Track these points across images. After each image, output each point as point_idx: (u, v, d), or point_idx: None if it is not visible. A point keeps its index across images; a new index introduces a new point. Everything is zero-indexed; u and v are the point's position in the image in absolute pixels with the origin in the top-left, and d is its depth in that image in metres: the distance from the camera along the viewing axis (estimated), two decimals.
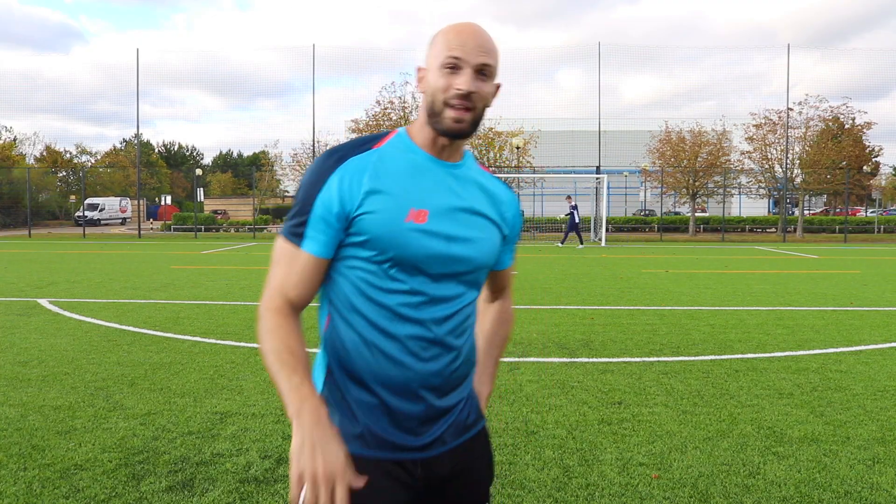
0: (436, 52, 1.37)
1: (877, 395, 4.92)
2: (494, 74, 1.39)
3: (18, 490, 3.26)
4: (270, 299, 1.37)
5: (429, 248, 1.35)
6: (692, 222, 34.14)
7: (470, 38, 1.35)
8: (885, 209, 53.79)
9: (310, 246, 1.35)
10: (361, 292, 1.36)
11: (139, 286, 11.29)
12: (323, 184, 1.34)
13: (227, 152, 78.98)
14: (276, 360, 1.29)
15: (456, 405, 1.46)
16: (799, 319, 8.16)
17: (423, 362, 1.37)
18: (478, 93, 1.35)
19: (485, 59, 1.35)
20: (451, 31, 1.37)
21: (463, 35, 1.35)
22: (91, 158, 60.35)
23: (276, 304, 1.36)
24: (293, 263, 1.36)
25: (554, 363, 5.85)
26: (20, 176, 40.10)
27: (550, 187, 41.95)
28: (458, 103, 1.33)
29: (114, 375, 5.35)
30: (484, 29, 1.39)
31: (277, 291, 1.37)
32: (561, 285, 11.67)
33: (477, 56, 1.34)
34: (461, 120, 1.34)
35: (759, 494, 3.26)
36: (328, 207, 1.33)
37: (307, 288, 1.37)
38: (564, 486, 3.35)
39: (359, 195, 1.33)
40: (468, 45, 1.34)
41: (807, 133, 32.44)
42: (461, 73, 1.33)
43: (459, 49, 1.33)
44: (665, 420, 4.34)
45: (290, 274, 1.36)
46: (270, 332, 1.33)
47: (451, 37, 1.35)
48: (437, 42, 1.38)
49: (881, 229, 35.73)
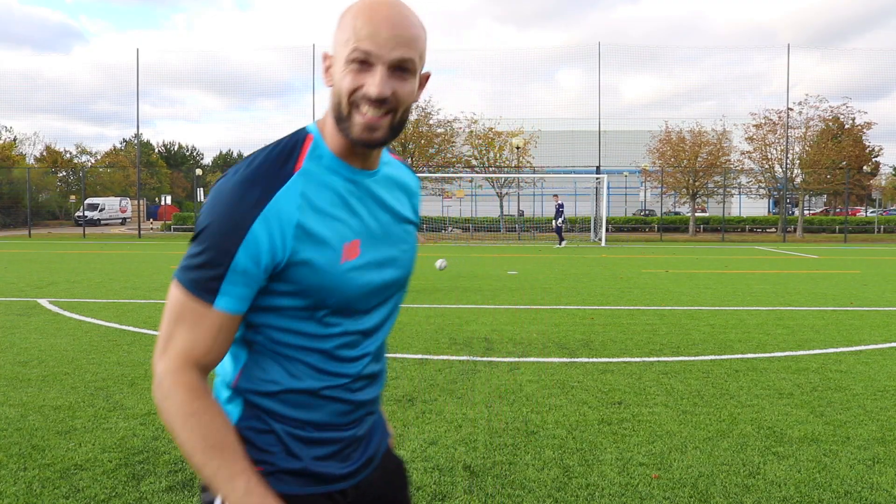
0: (342, 39, 1.10)
1: (877, 395, 4.92)
2: (417, 68, 1.12)
3: (18, 490, 3.26)
4: (178, 371, 1.10)
5: (365, 286, 1.19)
6: (692, 222, 34.14)
7: (384, 25, 1.07)
8: (885, 209, 53.80)
9: (225, 303, 1.09)
10: (287, 341, 1.17)
11: (139, 286, 11.30)
12: (246, 231, 1.06)
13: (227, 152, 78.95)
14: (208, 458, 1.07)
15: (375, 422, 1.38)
16: (799, 319, 8.16)
17: (358, 393, 1.24)
18: (395, 94, 1.09)
19: (403, 53, 1.08)
20: (362, 12, 1.08)
21: (375, 20, 1.07)
22: (91, 158, 60.38)
23: (185, 378, 1.09)
24: (202, 323, 1.10)
25: (554, 363, 5.85)
26: (20, 176, 40.10)
27: (550, 187, 41.94)
28: (370, 109, 1.09)
29: (114, 375, 5.35)
30: (405, 7, 1.10)
31: (184, 359, 1.10)
32: (561, 285, 11.67)
33: (392, 49, 1.07)
34: (375, 128, 1.10)
35: (759, 494, 3.26)
36: (255, 260, 1.08)
37: (221, 349, 1.13)
38: (564, 486, 3.35)
39: (290, 242, 1.09)
40: (381, 34, 1.07)
41: (807, 133, 32.48)
42: (372, 71, 1.08)
43: (369, 40, 1.06)
44: (665, 420, 4.34)
45: (200, 337, 1.10)
46: (191, 417, 1.07)
47: (360, 22, 1.07)
48: (345, 25, 1.10)
49: (881, 229, 35.74)
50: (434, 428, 4.15)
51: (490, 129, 33.61)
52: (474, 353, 6.19)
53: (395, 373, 5.44)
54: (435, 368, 5.62)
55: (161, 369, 1.11)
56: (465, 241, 28.02)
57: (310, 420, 1.20)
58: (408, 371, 5.51)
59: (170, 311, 1.12)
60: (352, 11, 1.10)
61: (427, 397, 4.78)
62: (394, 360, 5.86)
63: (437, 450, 3.80)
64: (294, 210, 1.10)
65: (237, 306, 1.11)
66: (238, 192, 1.08)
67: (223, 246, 1.07)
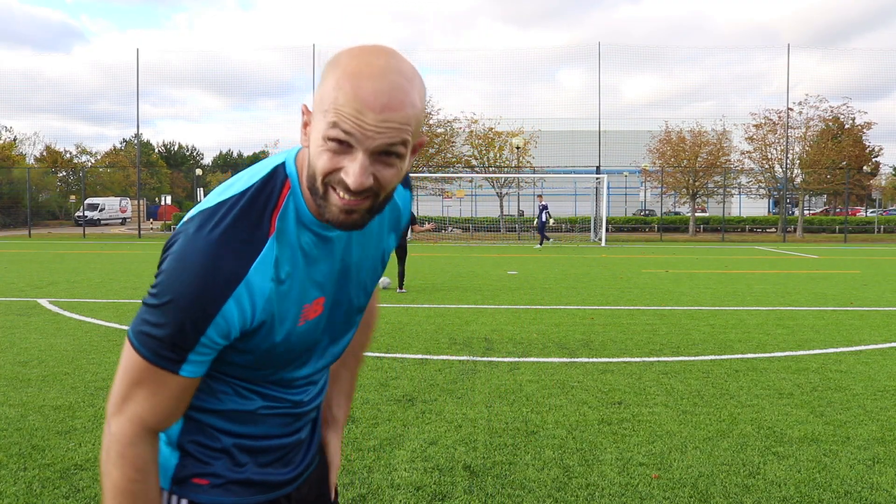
0: (322, 104, 0.94)
1: (877, 395, 4.92)
2: (409, 147, 0.96)
3: (18, 490, 3.26)
4: (130, 437, 1.04)
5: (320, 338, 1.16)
6: (692, 222, 34.14)
7: (371, 105, 0.90)
8: (885, 209, 53.79)
9: (191, 370, 1.03)
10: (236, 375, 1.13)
11: (139, 286, 11.29)
12: (218, 310, 0.98)
13: (227, 152, 79.00)
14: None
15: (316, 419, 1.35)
16: (799, 319, 8.16)
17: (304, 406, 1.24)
18: (377, 180, 0.95)
19: (390, 139, 0.92)
20: (347, 80, 0.91)
21: (361, 96, 0.90)
22: (91, 158, 60.38)
23: (135, 451, 1.04)
24: (163, 389, 1.03)
25: (554, 363, 5.85)
26: (20, 176, 40.11)
27: (550, 187, 41.93)
28: (346, 195, 0.96)
29: (113, 375, 5.34)
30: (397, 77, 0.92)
31: (140, 425, 1.04)
32: (561, 285, 11.67)
33: (378, 135, 0.91)
34: (352, 210, 0.98)
35: (759, 494, 3.26)
36: (223, 335, 1.01)
37: (181, 410, 1.08)
38: (564, 486, 3.35)
39: (259, 315, 1.02)
40: (365, 118, 0.90)
41: (807, 133, 32.48)
42: (352, 154, 0.93)
43: (351, 121, 0.90)
44: (665, 420, 4.34)
45: (161, 401, 1.04)
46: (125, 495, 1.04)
47: (343, 94, 0.91)
48: (327, 86, 0.93)
49: (881, 229, 35.74)
50: (434, 428, 4.15)
51: (490, 129, 33.61)
52: (474, 353, 6.18)
53: (395, 373, 5.44)
54: (435, 368, 5.62)
55: (114, 431, 1.04)
56: (465, 241, 28.02)
57: (255, 433, 1.18)
58: (408, 371, 5.50)
59: (127, 372, 1.04)
60: (336, 73, 0.93)
61: (427, 397, 4.78)
62: (394, 360, 5.86)
63: (437, 450, 3.80)
64: (267, 282, 1.01)
65: (202, 371, 1.05)
66: (209, 263, 0.97)
67: (192, 323, 0.97)
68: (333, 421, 1.42)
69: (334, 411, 1.42)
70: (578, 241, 28.47)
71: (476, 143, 33.95)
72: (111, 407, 1.06)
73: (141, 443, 1.05)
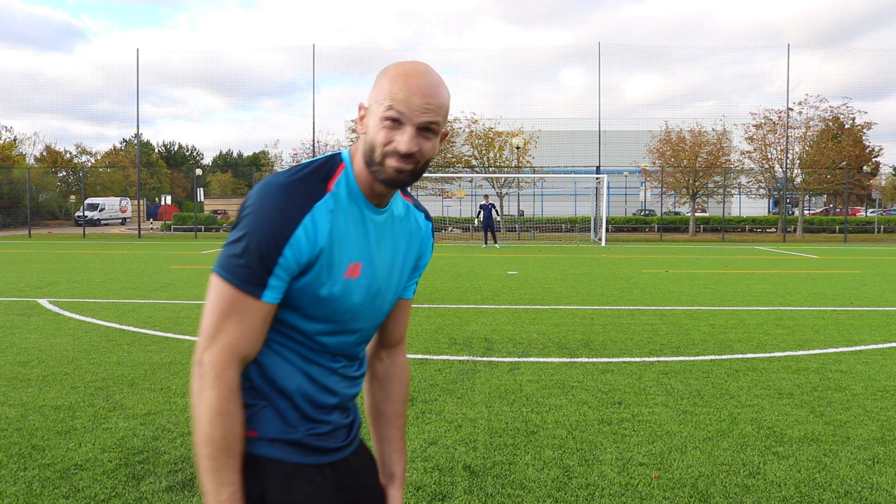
0: (378, 98, 1.28)
1: (877, 395, 4.92)
2: (440, 130, 1.31)
3: (18, 490, 3.26)
4: (224, 365, 1.22)
5: (356, 304, 1.35)
6: (692, 222, 34.14)
7: (416, 94, 1.25)
8: (885, 209, 53.79)
9: (271, 295, 1.24)
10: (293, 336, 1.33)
11: (139, 286, 11.30)
12: (292, 231, 1.22)
13: (227, 152, 79.02)
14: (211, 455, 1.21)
15: (355, 411, 1.53)
16: (799, 319, 8.16)
17: (346, 387, 1.42)
18: (420, 150, 1.28)
19: (430, 118, 1.26)
20: (398, 79, 1.26)
21: (409, 88, 1.25)
22: (91, 158, 60.37)
23: (228, 374, 1.22)
24: (250, 315, 1.23)
25: (554, 363, 5.85)
26: (20, 176, 40.11)
27: (550, 187, 41.94)
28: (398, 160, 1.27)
29: (114, 375, 5.35)
30: (435, 77, 1.29)
31: (232, 351, 1.22)
32: (561, 285, 11.67)
33: (421, 115, 1.26)
34: (402, 170, 1.28)
35: (759, 494, 3.26)
36: (297, 258, 1.24)
37: (262, 339, 1.28)
38: (564, 486, 3.35)
39: (318, 249, 1.26)
40: (413, 101, 1.25)
41: (807, 133, 32.47)
42: (402, 130, 1.26)
43: (403, 104, 1.25)
44: (665, 420, 4.34)
45: (249, 328, 1.23)
46: (221, 415, 1.20)
47: (396, 87, 1.25)
48: (382, 87, 1.28)
49: (881, 229, 35.74)
50: (434, 428, 4.15)
51: (490, 129, 33.60)
52: (474, 353, 6.18)
53: None
54: (435, 368, 5.62)
55: (208, 360, 1.22)
56: (465, 241, 28.02)
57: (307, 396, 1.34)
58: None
59: (216, 304, 1.23)
60: (389, 76, 1.28)
61: (427, 397, 4.78)
62: None
63: (437, 450, 3.80)
64: (325, 222, 1.27)
65: (278, 297, 1.26)
66: (285, 198, 1.24)
67: (273, 245, 1.21)
68: (392, 477, 1.61)
69: (392, 468, 1.61)
70: (578, 241, 28.46)
71: (476, 143, 33.95)
72: (202, 343, 1.23)
73: (233, 367, 1.23)
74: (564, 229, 33.67)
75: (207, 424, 1.20)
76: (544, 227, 34.10)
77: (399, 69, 1.28)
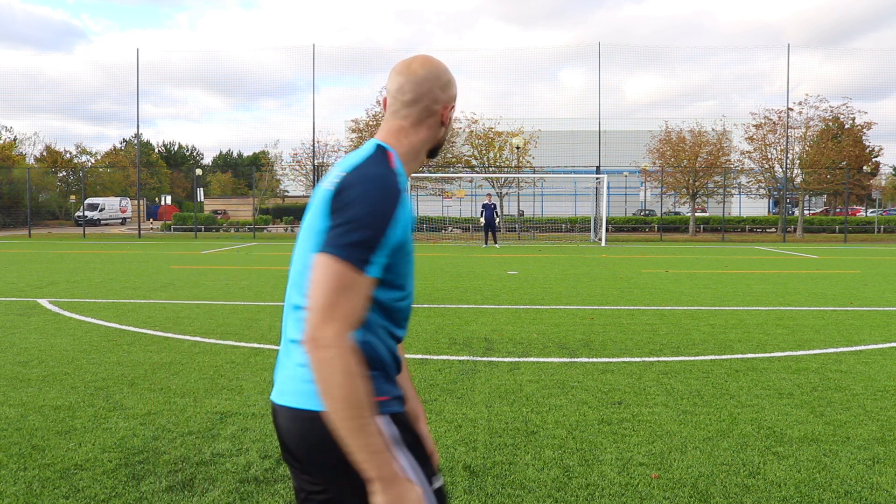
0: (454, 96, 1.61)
1: (877, 395, 4.92)
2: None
3: (18, 490, 3.26)
4: (344, 335, 1.34)
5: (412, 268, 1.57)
6: (692, 222, 34.14)
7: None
8: (885, 209, 53.77)
9: (374, 271, 1.38)
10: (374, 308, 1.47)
11: (139, 286, 11.30)
12: (393, 214, 1.39)
13: (227, 152, 79.03)
14: (357, 414, 1.32)
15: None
16: (799, 319, 8.16)
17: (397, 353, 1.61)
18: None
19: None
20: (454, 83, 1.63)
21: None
22: (91, 158, 60.35)
23: (350, 343, 1.34)
24: (361, 291, 1.36)
25: (554, 363, 5.85)
26: (20, 176, 40.10)
27: (550, 187, 41.93)
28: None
29: (114, 375, 5.35)
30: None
31: (348, 324, 1.34)
32: (561, 285, 11.67)
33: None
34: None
35: (759, 494, 3.26)
36: (397, 237, 1.41)
37: (364, 315, 1.42)
38: (564, 486, 3.35)
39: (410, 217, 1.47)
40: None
41: (807, 133, 32.46)
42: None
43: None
44: (665, 420, 4.34)
45: (359, 302, 1.36)
46: (352, 377, 1.32)
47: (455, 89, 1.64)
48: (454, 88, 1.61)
49: (881, 229, 35.73)
50: (434, 428, 4.15)
51: (490, 129, 33.59)
52: (474, 353, 6.18)
53: None
54: (435, 368, 5.62)
55: (331, 333, 1.32)
56: (465, 241, 28.02)
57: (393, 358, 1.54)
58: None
59: (330, 282, 1.34)
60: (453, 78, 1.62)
61: (427, 397, 4.78)
62: None
63: (437, 450, 3.80)
64: (407, 202, 1.45)
65: (378, 273, 1.39)
66: (386, 184, 1.41)
67: (381, 226, 1.37)
68: (417, 416, 1.79)
69: (415, 410, 1.79)
70: (578, 241, 28.46)
71: (476, 143, 33.94)
72: (319, 319, 1.33)
73: (350, 336, 1.35)
74: (564, 229, 33.67)
75: (345, 387, 1.30)
76: (544, 227, 34.09)
77: (451, 73, 1.62)
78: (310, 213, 1.51)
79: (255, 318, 8.08)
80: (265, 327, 7.42)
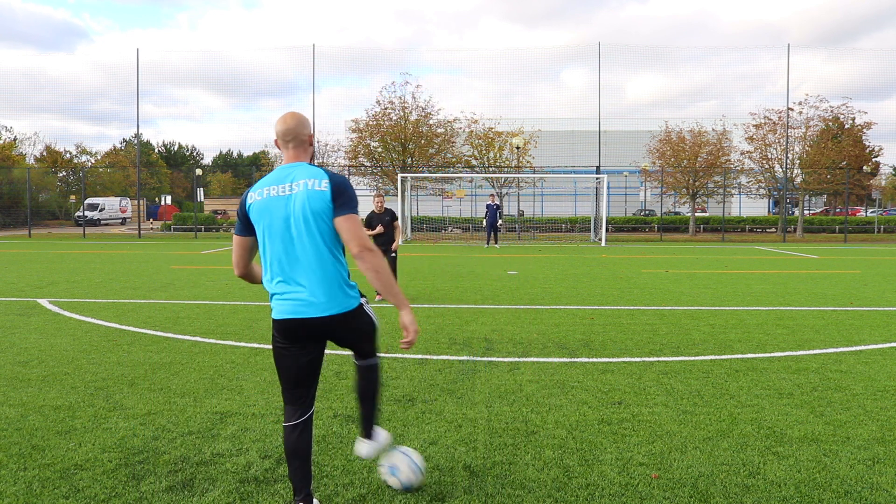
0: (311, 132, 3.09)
1: (877, 395, 4.92)
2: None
3: (18, 490, 3.26)
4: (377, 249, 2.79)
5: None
6: (692, 222, 34.14)
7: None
8: (885, 209, 53.77)
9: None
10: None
11: (139, 286, 11.30)
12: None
13: (227, 152, 79.02)
14: (393, 280, 2.82)
15: None
16: (799, 319, 8.16)
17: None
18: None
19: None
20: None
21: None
22: (91, 158, 60.33)
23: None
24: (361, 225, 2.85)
25: (554, 363, 5.85)
26: (20, 176, 40.09)
27: (550, 187, 41.92)
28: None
29: (114, 375, 5.36)
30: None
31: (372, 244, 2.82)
32: (561, 285, 11.67)
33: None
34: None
35: (759, 494, 3.26)
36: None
37: None
38: (564, 486, 3.35)
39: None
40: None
41: (807, 133, 32.45)
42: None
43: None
44: (665, 420, 4.34)
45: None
46: (389, 273, 2.81)
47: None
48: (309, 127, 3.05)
49: (881, 229, 35.73)
50: (434, 428, 4.15)
51: (490, 129, 33.57)
52: (474, 353, 6.18)
53: (395, 373, 5.45)
54: (435, 368, 5.62)
55: (374, 248, 2.77)
56: (465, 241, 28.01)
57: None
58: (408, 371, 5.51)
59: (360, 225, 2.77)
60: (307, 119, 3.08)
61: (427, 397, 4.78)
62: (394, 361, 5.86)
63: (437, 450, 3.80)
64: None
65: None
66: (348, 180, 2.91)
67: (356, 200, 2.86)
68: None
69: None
70: (578, 241, 28.46)
71: (476, 143, 33.93)
72: (363, 242, 2.74)
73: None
74: (564, 229, 33.67)
75: (389, 277, 2.80)
76: (544, 227, 34.09)
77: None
78: (304, 204, 2.75)
79: (254, 318, 8.08)
80: (265, 327, 7.42)
